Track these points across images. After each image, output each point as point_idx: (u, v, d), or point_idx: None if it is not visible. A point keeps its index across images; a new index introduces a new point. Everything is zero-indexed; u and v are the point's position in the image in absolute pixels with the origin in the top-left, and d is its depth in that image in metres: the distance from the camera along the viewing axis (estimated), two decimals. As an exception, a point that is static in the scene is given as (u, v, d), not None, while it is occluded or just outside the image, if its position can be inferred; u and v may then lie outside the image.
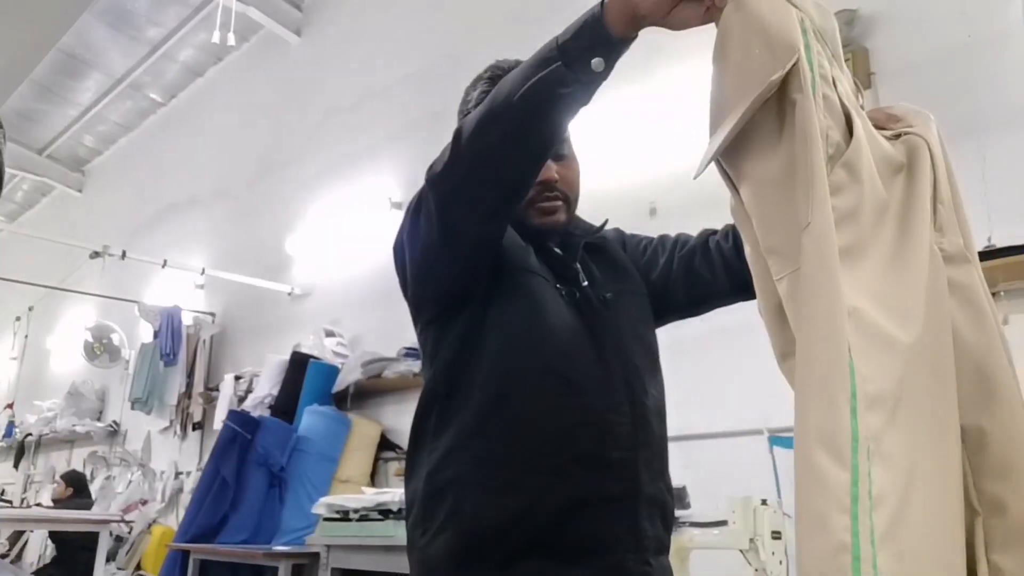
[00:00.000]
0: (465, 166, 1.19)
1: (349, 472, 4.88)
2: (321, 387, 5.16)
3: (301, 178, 6.50)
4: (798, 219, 0.96)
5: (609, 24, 1.08)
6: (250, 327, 6.72)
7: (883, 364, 0.93)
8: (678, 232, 1.61)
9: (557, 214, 1.41)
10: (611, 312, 1.39)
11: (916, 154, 1.14)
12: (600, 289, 1.41)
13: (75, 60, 7.96)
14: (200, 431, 6.77)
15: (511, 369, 1.27)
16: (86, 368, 8.00)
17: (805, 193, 0.95)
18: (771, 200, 1.01)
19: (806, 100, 0.97)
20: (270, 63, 7.31)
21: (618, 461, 1.26)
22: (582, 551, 1.22)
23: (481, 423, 1.26)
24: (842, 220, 0.97)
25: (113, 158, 9.71)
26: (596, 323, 1.35)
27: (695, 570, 2.79)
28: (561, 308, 1.33)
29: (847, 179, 1.00)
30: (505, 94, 1.13)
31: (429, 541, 1.25)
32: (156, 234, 8.15)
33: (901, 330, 0.97)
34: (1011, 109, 3.02)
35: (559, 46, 1.10)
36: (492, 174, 1.19)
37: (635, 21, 1.08)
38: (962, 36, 3.16)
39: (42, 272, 8.44)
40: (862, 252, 0.99)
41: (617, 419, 1.28)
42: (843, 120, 1.03)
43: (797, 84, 0.98)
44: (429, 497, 1.27)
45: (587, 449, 1.24)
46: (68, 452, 8.64)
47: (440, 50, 5.47)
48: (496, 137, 1.16)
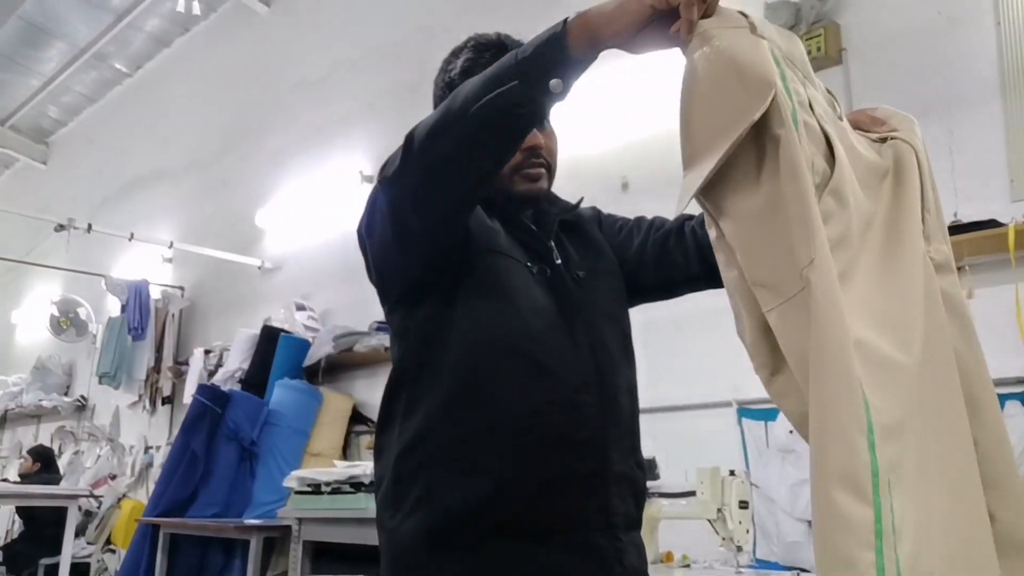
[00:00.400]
0: (415, 174, 1.19)
1: (320, 446, 4.88)
2: (292, 361, 5.14)
3: (271, 150, 6.43)
4: (791, 253, 0.95)
5: (570, 45, 1.07)
6: (220, 301, 6.67)
7: (892, 391, 0.94)
8: (655, 215, 1.61)
9: (540, 181, 1.42)
10: (584, 290, 1.39)
11: (903, 161, 1.14)
12: (574, 267, 1.41)
13: (37, 29, 7.79)
14: (170, 405, 6.72)
15: (479, 352, 1.27)
16: (52, 342, 7.89)
17: (802, 229, 0.94)
18: (756, 234, 1.00)
19: (789, 134, 0.96)
20: (238, 33, 7.19)
21: (586, 440, 1.26)
22: (551, 530, 1.24)
23: (449, 406, 1.26)
24: (835, 248, 0.97)
25: (78, 129, 9.54)
26: (567, 302, 1.35)
27: (664, 539, 2.83)
28: (531, 288, 1.33)
29: (835, 206, 1.00)
30: (460, 106, 1.13)
31: (399, 524, 1.26)
32: (123, 207, 8.04)
33: (903, 352, 0.98)
34: (979, 85, 3.05)
35: (518, 64, 1.09)
36: (442, 183, 1.19)
37: (596, 44, 1.08)
38: (932, 12, 3.18)
39: (6, 245, 8.30)
40: (852, 271, 1.00)
41: (585, 399, 1.28)
42: (824, 144, 1.02)
43: (778, 119, 0.96)
44: (397, 480, 1.27)
45: (555, 430, 1.25)
46: (35, 427, 8.55)
47: (412, 22, 5.41)
48: (448, 148, 1.15)
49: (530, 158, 1.39)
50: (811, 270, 0.93)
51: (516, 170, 1.39)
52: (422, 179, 1.19)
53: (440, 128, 1.15)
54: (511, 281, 1.32)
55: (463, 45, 1.44)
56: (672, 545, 2.87)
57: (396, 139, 1.24)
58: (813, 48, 3.37)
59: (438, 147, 1.16)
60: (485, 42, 1.40)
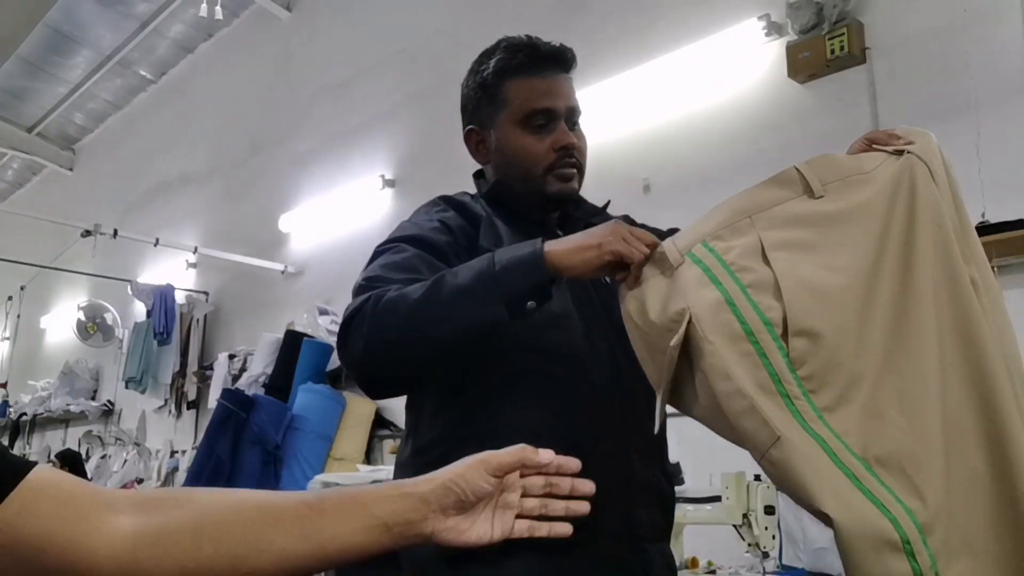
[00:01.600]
0: (366, 350, 1.17)
1: (344, 450, 4.89)
2: (315, 365, 5.16)
3: (293, 155, 6.46)
4: (751, 439, 1.03)
5: (544, 275, 1.14)
6: (243, 305, 6.70)
7: (929, 496, 0.98)
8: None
9: (572, 181, 1.42)
10: (605, 296, 1.38)
11: (914, 181, 1.14)
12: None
13: (63, 37, 7.87)
14: (195, 410, 6.76)
15: (499, 366, 1.27)
16: (79, 347, 7.97)
17: (751, 419, 1.02)
18: (721, 423, 1.08)
19: (710, 345, 1.05)
20: (261, 39, 7.24)
21: (608, 450, 1.26)
22: (574, 542, 1.23)
23: (470, 417, 1.25)
24: (819, 387, 1.02)
25: (103, 136, 9.64)
26: (588, 308, 1.35)
27: (689, 545, 2.81)
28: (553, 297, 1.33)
29: (807, 344, 1.04)
30: (434, 316, 1.13)
31: None
32: (148, 212, 8.11)
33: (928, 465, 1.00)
34: (1006, 83, 3.00)
35: (500, 288, 1.13)
36: (389, 368, 1.19)
37: (559, 275, 1.16)
38: (958, 10, 3.14)
39: (34, 251, 8.39)
40: (852, 388, 1.03)
41: (605, 407, 1.27)
42: (776, 289, 1.07)
43: (698, 334, 1.05)
44: None
45: (576, 439, 1.24)
46: (63, 431, 8.63)
47: (433, 26, 5.42)
48: (415, 340, 1.16)
49: (564, 157, 1.40)
50: (776, 449, 1.00)
51: (549, 170, 1.40)
52: (368, 356, 1.18)
53: (410, 324, 1.15)
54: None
55: (495, 46, 1.44)
56: (697, 551, 2.85)
57: (418, 143, 1.24)
58: (836, 47, 3.34)
59: (400, 347, 1.16)
60: (517, 43, 1.42)
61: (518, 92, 1.39)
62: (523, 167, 1.40)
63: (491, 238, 1.35)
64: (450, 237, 1.32)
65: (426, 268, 1.23)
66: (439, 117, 5.25)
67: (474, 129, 1.47)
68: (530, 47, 1.42)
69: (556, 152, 1.39)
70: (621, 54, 4.03)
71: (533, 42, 1.43)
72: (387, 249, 1.31)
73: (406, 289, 1.16)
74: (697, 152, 3.82)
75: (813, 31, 3.44)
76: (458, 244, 1.32)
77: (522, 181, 1.41)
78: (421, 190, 5.19)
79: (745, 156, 3.62)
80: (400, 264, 1.25)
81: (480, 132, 1.46)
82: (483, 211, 1.40)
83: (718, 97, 3.82)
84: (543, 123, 1.39)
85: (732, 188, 1.43)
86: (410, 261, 1.24)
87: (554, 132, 1.39)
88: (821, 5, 3.43)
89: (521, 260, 1.14)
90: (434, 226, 1.33)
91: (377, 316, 1.14)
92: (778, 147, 3.56)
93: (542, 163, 1.39)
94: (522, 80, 1.40)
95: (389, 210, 5.32)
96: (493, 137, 1.44)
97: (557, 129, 1.39)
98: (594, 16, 4.35)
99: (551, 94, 1.40)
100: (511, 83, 1.40)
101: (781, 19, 3.59)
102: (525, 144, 1.39)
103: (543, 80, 1.40)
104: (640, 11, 4.23)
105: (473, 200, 1.44)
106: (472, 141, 1.49)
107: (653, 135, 4.01)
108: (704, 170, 3.75)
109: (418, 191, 5.10)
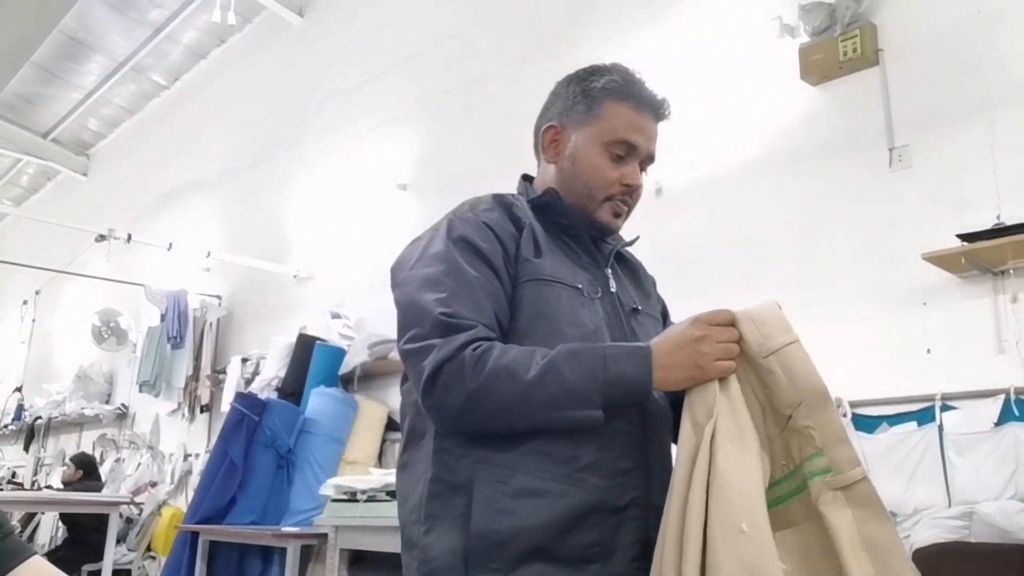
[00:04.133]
0: (464, 409, 1.22)
1: (356, 454, 4.90)
2: (328, 369, 5.17)
3: (305, 160, 6.48)
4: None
5: (650, 388, 1.22)
6: (256, 309, 6.73)
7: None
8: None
9: (620, 219, 1.47)
10: (634, 321, 1.41)
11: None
12: (628, 299, 1.45)
13: (77, 43, 7.93)
14: (208, 413, 6.79)
15: None
16: (94, 351, 8.02)
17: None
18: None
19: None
20: (273, 44, 7.27)
21: (627, 470, 1.26)
22: (587, 559, 1.22)
23: (494, 437, 1.25)
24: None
25: (117, 141, 9.70)
26: (618, 328, 1.37)
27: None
28: (578, 312, 1.34)
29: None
30: (538, 404, 1.20)
31: (434, 540, 1.24)
32: (161, 217, 8.15)
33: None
34: (1020, 84, 2.98)
35: (603, 398, 1.20)
36: (479, 426, 1.24)
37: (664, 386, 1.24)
38: (971, 11, 3.13)
39: (48, 256, 8.46)
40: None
41: (626, 428, 1.27)
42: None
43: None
44: (434, 496, 1.26)
45: (595, 458, 1.24)
46: (77, 435, 8.68)
47: (443, 31, 5.43)
48: (505, 419, 1.22)
49: (625, 194, 1.44)
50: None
51: (608, 199, 1.43)
52: (470, 424, 1.24)
53: (506, 408, 1.21)
54: (557, 311, 1.32)
55: (611, 66, 1.49)
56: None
57: (429, 147, 1.24)
58: (849, 49, 3.33)
59: (497, 417, 1.22)
60: (634, 77, 1.47)
61: (616, 115, 1.43)
62: (588, 185, 1.43)
63: (531, 249, 1.36)
64: (499, 247, 1.34)
65: (487, 300, 1.28)
66: (450, 121, 5.26)
67: (555, 126, 1.48)
68: (642, 84, 1.47)
69: (622, 186, 1.42)
70: (630, 58, 4.02)
71: (645, 81, 1.48)
72: (446, 257, 1.31)
73: (509, 359, 1.20)
74: (709, 155, 3.81)
75: (825, 33, 3.43)
76: (507, 253, 1.34)
77: (578, 196, 1.43)
78: (433, 194, 5.22)
79: (757, 159, 3.61)
80: (468, 290, 1.27)
81: (560, 132, 1.47)
82: (527, 218, 1.41)
83: (730, 100, 3.82)
84: (623, 154, 1.42)
85: (743, 191, 1.43)
86: (474, 292, 1.27)
87: (628, 166, 1.43)
88: (834, 7, 3.42)
89: (629, 381, 1.20)
90: (484, 234, 1.34)
91: (481, 381, 1.19)
92: (790, 150, 3.55)
93: (606, 190, 1.42)
94: (624, 107, 1.43)
95: (400, 214, 5.32)
96: (572, 143, 1.45)
97: (631, 165, 1.43)
98: (603, 20, 4.35)
99: (642, 132, 1.44)
100: (613, 104, 1.43)
101: (794, 21, 3.58)
102: (600, 165, 1.42)
103: (641, 117, 1.44)
104: (649, 16, 4.22)
105: (518, 201, 1.45)
106: (548, 137, 1.49)
107: (664, 138, 3.99)
108: (715, 173, 3.74)
109: (430, 195, 5.11)
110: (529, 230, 1.38)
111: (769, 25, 3.62)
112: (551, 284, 1.34)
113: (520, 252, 1.35)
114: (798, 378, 1.17)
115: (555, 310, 1.32)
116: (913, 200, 3.17)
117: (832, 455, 1.16)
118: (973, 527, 2.72)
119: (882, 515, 1.15)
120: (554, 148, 1.48)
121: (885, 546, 1.13)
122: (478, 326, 1.24)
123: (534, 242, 1.37)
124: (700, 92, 3.89)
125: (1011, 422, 2.79)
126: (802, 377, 1.17)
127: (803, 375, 1.17)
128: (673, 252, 3.65)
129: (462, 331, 1.22)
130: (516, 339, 1.29)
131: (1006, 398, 2.81)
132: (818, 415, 1.16)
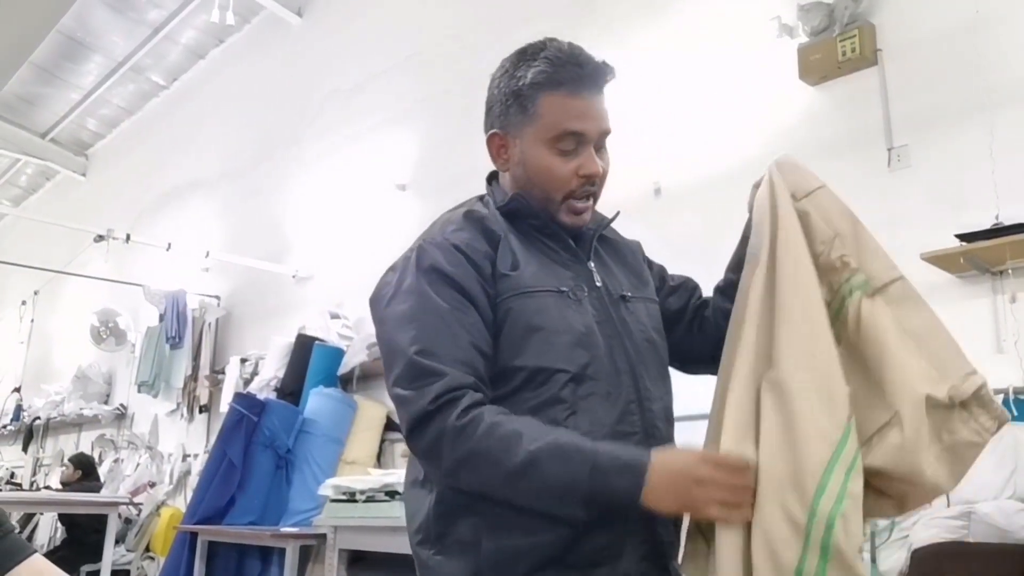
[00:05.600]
0: (453, 472, 1.21)
1: (355, 454, 4.90)
2: (326, 369, 5.17)
3: (304, 160, 6.48)
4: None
5: (640, 502, 1.15)
6: (255, 310, 6.72)
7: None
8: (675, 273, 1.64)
9: (584, 214, 1.39)
10: (624, 313, 1.37)
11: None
12: (615, 288, 1.40)
13: (76, 43, 7.93)
14: (207, 414, 6.79)
15: (519, 398, 1.26)
16: (93, 351, 8.01)
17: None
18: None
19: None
20: (272, 44, 7.27)
21: None
22: (596, 562, 1.22)
23: None
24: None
25: (116, 141, 9.69)
26: (608, 325, 1.33)
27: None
28: (566, 317, 1.30)
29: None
30: (524, 490, 1.18)
31: (443, 561, 1.24)
32: (160, 217, 8.15)
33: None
34: (1019, 84, 2.99)
35: (585, 501, 1.15)
36: (467, 486, 1.23)
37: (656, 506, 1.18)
38: (969, 11, 3.13)
39: (47, 256, 8.45)
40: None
41: (628, 430, 1.27)
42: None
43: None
44: (441, 516, 1.25)
45: None
46: (76, 435, 8.68)
47: (443, 31, 5.43)
48: (493, 493, 1.21)
49: (584, 185, 1.36)
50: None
51: (568, 196, 1.36)
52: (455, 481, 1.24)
53: (488, 487, 1.20)
54: (546, 321, 1.29)
55: (536, 51, 1.36)
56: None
57: (429, 147, 1.24)
58: (848, 49, 3.33)
59: (483, 488, 1.21)
60: (559, 56, 1.34)
61: (552, 108, 1.32)
62: (543, 188, 1.36)
63: (509, 263, 1.32)
64: (471, 270, 1.29)
65: (462, 330, 1.24)
66: (450, 121, 5.25)
67: (498, 134, 1.40)
68: (573, 63, 1.33)
69: (580, 178, 1.34)
70: (630, 59, 4.02)
71: (576, 56, 1.35)
72: (417, 290, 1.28)
73: (493, 442, 1.17)
74: (707, 155, 3.81)
75: (824, 33, 3.43)
76: (481, 275, 1.29)
77: (538, 200, 1.37)
78: (432, 194, 5.22)
79: (756, 159, 3.60)
80: (441, 324, 1.24)
81: (504, 138, 1.39)
82: (500, 229, 1.35)
83: (729, 100, 3.82)
84: (573, 146, 1.33)
85: (742, 191, 1.43)
86: (448, 325, 1.24)
87: (580, 156, 1.34)
88: (832, 7, 3.42)
89: (614, 495, 1.15)
90: (454, 259, 1.29)
91: (472, 451, 1.17)
92: (789, 150, 3.53)
93: (563, 188, 1.34)
94: (558, 97, 1.32)
95: (400, 214, 5.32)
96: (518, 148, 1.37)
97: (584, 154, 1.34)
98: (603, 20, 4.35)
99: (586, 117, 1.33)
100: (546, 98, 1.32)
101: (792, 21, 3.58)
102: (550, 166, 1.34)
103: (580, 100, 1.33)
104: (649, 16, 4.23)
105: (489, 212, 1.40)
106: (494, 146, 1.41)
107: (663, 139, 4.00)
108: (714, 173, 3.74)
109: (429, 195, 5.11)
110: (505, 242, 1.33)
111: (768, 25, 3.63)
112: (534, 295, 1.30)
113: (497, 269, 1.31)
114: (831, 214, 1.30)
115: (543, 321, 1.28)
116: (912, 200, 3.17)
117: (869, 269, 1.27)
118: (972, 527, 2.72)
119: (921, 306, 1.27)
120: (503, 156, 1.40)
121: (928, 333, 1.25)
122: (451, 372, 1.20)
123: (511, 254, 1.33)
124: (699, 92, 3.90)
125: (1010, 422, 2.79)
126: (835, 212, 1.30)
127: (836, 210, 1.30)
128: (673, 252, 3.64)
129: (435, 377, 1.19)
130: (508, 356, 1.27)
131: (1005, 398, 2.81)
132: (851, 241, 1.27)
